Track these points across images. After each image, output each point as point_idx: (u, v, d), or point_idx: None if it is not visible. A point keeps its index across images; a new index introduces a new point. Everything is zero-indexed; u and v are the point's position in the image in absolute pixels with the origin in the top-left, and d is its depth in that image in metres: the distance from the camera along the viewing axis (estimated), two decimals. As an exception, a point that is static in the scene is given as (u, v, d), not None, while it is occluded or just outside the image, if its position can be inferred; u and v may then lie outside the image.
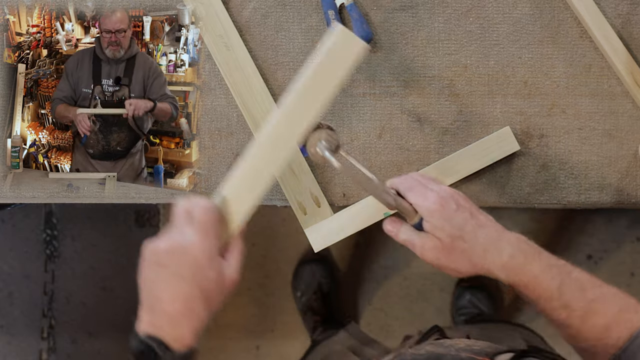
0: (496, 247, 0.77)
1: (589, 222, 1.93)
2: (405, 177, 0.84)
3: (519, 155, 1.06)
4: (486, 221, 0.79)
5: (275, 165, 0.78)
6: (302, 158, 1.05)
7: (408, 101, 1.06)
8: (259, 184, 0.78)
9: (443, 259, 0.78)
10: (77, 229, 1.99)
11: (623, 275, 1.90)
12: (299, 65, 1.06)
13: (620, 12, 1.05)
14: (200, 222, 0.72)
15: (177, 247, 0.71)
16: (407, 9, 1.06)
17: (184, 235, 0.71)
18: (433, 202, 0.78)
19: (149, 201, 1.08)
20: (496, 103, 1.06)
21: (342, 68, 0.80)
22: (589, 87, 1.05)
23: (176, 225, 0.74)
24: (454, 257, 0.78)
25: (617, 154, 1.06)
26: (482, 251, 0.77)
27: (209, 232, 0.72)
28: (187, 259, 0.70)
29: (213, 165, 1.07)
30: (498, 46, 1.06)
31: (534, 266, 0.76)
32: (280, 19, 1.06)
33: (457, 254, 0.77)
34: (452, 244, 0.77)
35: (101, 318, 1.99)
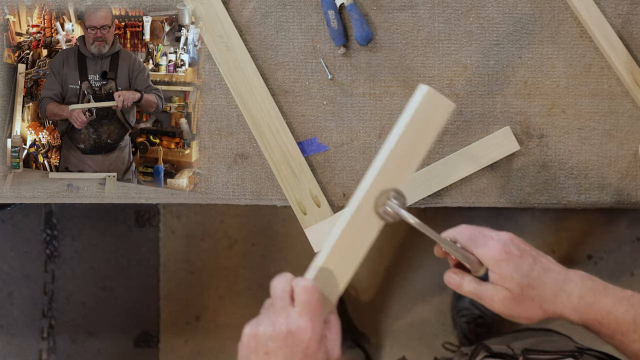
0: (564, 290, 0.76)
1: (589, 222, 1.93)
2: (460, 228, 0.82)
3: (519, 155, 1.06)
4: (549, 263, 0.78)
5: (371, 233, 0.74)
6: (302, 158, 1.05)
7: (408, 101, 1.06)
8: (355, 255, 0.74)
9: (514, 309, 0.76)
10: (77, 229, 1.99)
11: (623, 275, 1.91)
12: (299, 65, 1.06)
13: (620, 12, 1.05)
14: (304, 304, 0.69)
15: (285, 334, 0.67)
16: (407, 9, 1.06)
17: (290, 319, 0.68)
18: (498, 252, 0.76)
19: (149, 201, 1.08)
20: (496, 103, 1.06)
21: (430, 131, 0.77)
22: (589, 87, 1.05)
23: (277, 308, 0.70)
24: (525, 306, 0.76)
25: (617, 154, 1.06)
26: (552, 296, 0.76)
27: (315, 313, 0.69)
28: (297, 346, 0.67)
29: (213, 165, 1.07)
30: (498, 46, 1.06)
31: (605, 303, 0.75)
32: (280, 19, 1.06)
33: (527, 303, 0.76)
34: (521, 293, 0.75)
35: (101, 318, 1.99)
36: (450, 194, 1.07)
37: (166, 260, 1.98)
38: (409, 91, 1.06)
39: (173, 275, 1.97)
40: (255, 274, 1.99)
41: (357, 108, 1.06)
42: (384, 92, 1.06)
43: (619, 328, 0.74)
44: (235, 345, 0.73)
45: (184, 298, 1.97)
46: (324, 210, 1.05)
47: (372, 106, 1.06)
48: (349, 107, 1.06)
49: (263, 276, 1.99)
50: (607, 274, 1.90)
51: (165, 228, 1.98)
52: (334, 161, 1.07)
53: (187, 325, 1.98)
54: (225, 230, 1.97)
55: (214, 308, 1.97)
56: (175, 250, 1.98)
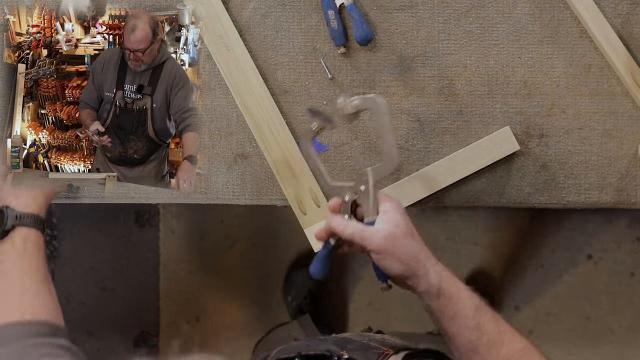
0: (435, 256, 0.85)
1: (589, 222, 1.93)
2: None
3: (519, 155, 1.06)
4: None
5: None
6: (302, 158, 1.05)
7: (408, 101, 1.06)
8: None
9: (394, 246, 0.83)
10: (77, 229, 1.99)
11: (623, 275, 1.90)
12: (299, 65, 1.06)
13: (620, 12, 1.05)
14: None
15: None
16: (407, 9, 1.06)
17: None
18: (397, 205, 0.87)
19: (149, 201, 1.08)
20: (496, 103, 1.06)
21: None
22: (589, 87, 1.05)
23: None
24: (403, 248, 0.83)
25: (617, 154, 1.06)
26: (426, 252, 0.85)
27: None
28: None
29: (213, 165, 1.07)
30: (498, 46, 1.06)
31: (461, 284, 0.84)
32: (280, 19, 1.06)
33: (406, 247, 0.84)
34: (404, 236, 0.84)
35: (101, 318, 1.98)
36: (450, 194, 1.07)
37: (166, 260, 1.97)
38: (409, 91, 1.06)
39: (173, 275, 1.97)
40: (255, 274, 1.99)
41: (357, 108, 1.06)
42: (384, 92, 1.06)
43: (462, 310, 0.81)
44: (235, 345, 0.73)
45: (184, 298, 1.97)
46: (324, 210, 1.05)
47: (372, 106, 1.06)
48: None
49: (263, 276, 1.99)
50: (607, 274, 1.90)
51: (165, 228, 1.98)
52: (334, 161, 1.07)
53: (187, 325, 1.98)
54: (225, 230, 1.97)
55: (214, 308, 1.97)
56: (175, 250, 1.98)
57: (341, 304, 1.98)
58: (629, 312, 1.90)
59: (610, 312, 1.91)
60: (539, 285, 1.92)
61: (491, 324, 0.81)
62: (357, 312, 1.98)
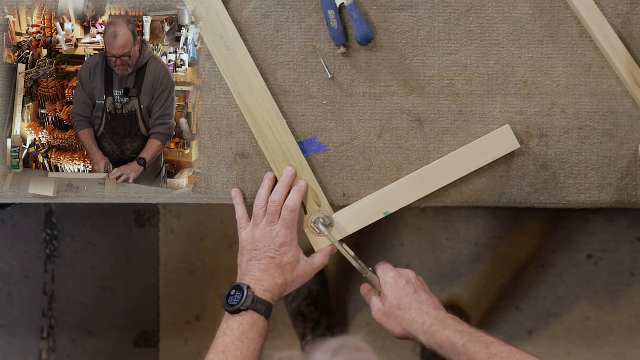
0: (421, 319, 0.97)
1: (589, 222, 1.93)
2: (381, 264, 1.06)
3: (519, 155, 1.06)
4: (427, 300, 1.00)
5: None
6: (302, 158, 1.05)
7: (408, 101, 1.06)
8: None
9: (382, 320, 1.01)
10: (77, 229, 1.99)
11: (623, 275, 1.90)
12: (299, 65, 1.06)
13: (620, 12, 1.05)
14: (285, 220, 1.01)
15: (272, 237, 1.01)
16: (407, 9, 1.06)
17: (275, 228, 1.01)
18: (390, 277, 1.02)
19: (149, 201, 1.08)
20: (496, 103, 1.06)
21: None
22: (589, 87, 1.06)
23: (269, 220, 1.01)
24: (390, 320, 1.00)
25: (617, 154, 1.06)
26: (410, 321, 0.98)
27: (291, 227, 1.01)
28: (274, 244, 1.00)
29: (213, 165, 1.07)
30: (498, 46, 1.06)
31: (448, 331, 0.94)
32: (280, 18, 1.06)
33: (392, 319, 1.00)
34: (390, 310, 1.00)
35: (101, 318, 1.98)
36: (450, 194, 1.07)
37: (166, 260, 1.97)
38: (408, 91, 1.06)
39: (173, 275, 1.97)
40: (255, 274, 1.99)
41: (357, 108, 1.06)
42: (384, 92, 1.06)
43: (453, 350, 0.93)
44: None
45: (184, 298, 1.97)
46: (324, 210, 1.05)
47: (372, 106, 1.06)
48: (349, 107, 1.06)
49: (263, 276, 1.99)
50: (607, 274, 1.90)
51: (165, 228, 1.98)
52: (334, 161, 1.07)
53: (187, 325, 1.98)
54: (225, 230, 1.97)
55: (214, 308, 1.97)
56: (175, 250, 1.97)
57: (341, 304, 1.98)
58: (629, 312, 1.90)
59: (610, 312, 1.90)
60: (539, 285, 1.92)
61: (482, 351, 0.90)
62: (357, 312, 1.98)
